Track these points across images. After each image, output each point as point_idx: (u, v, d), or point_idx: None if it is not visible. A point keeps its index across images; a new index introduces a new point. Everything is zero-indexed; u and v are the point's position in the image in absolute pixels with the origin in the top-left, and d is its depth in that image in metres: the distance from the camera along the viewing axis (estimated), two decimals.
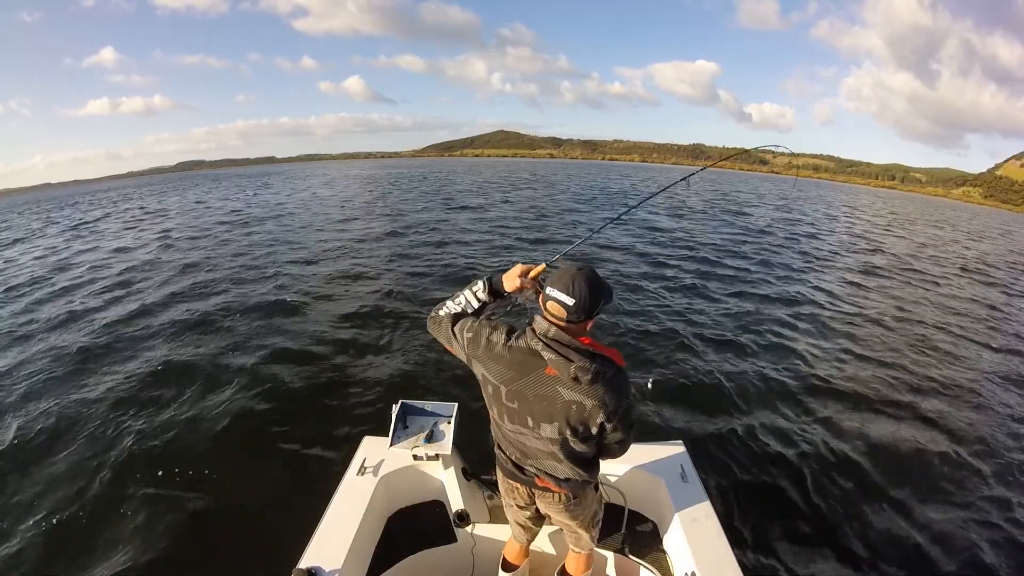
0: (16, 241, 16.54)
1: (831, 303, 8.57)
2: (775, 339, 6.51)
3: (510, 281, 1.52)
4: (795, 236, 16.42)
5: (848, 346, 6.51)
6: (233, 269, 9.86)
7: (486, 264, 9.96)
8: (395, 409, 2.08)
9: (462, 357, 1.52)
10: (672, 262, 10.74)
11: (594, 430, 1.38)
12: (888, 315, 8.18)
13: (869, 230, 21.38)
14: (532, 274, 1.52)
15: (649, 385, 2.29)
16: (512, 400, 1.41)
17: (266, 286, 8.45)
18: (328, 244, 12.26)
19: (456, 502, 2.14)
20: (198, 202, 27.10)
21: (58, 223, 21.51)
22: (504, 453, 1.65)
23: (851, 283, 10.38)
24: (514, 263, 1.56)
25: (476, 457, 2.28)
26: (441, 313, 1.57)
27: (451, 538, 2.19)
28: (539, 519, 1.84)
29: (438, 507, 2.25)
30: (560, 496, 1.63)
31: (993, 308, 9.42)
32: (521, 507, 1.79)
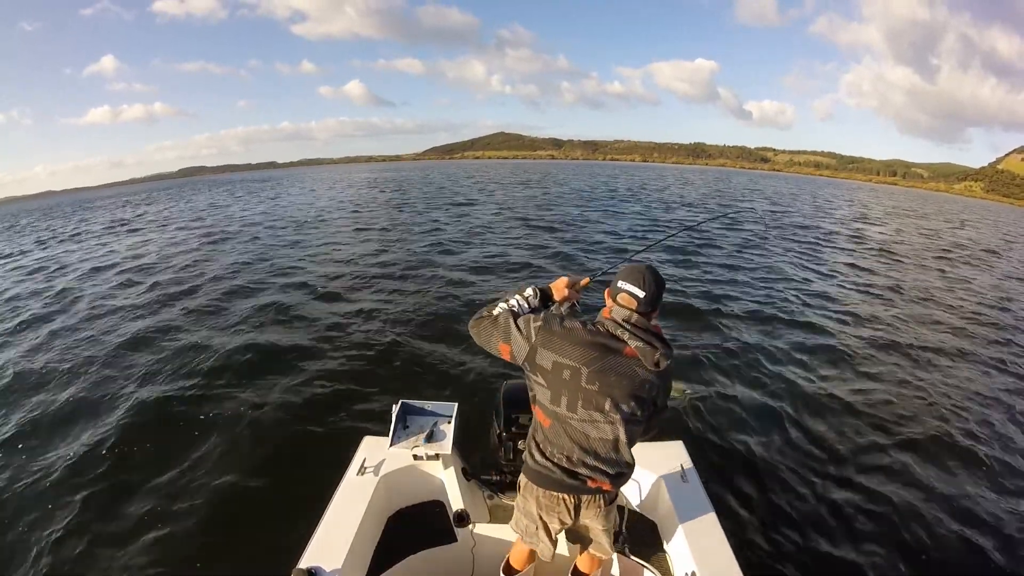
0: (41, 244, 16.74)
1: (832, 300, 8.56)
2: (775, 337, 6.51)
3: (559, 290, 1.69)
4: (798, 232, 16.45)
5: (849, 342, 6.49)
6: (236, 269, 9.92)
7: (493, 270, 9.94)
8: (395, 409, 2.07)
9: (521, 351, 1.50)
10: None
11: (651, 407, 1.54)
12: (893, 315, 8.16)
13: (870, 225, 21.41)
14: (578, 286, 1.71)
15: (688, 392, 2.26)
16: (593, 381, 1.44)
17: (266, 286, 8.48)
18: (329, 245, 12.31)
19: (456, 502, 2.13)
20: (211, 204, 27.25)
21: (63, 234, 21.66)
22: (551, 461, 1.57)
23: (854, 277, 10.39)
24: (557, 275, 1.72)
25: (476, 457, 2.28)
26: (496, 311, 1.59)
27: (451, 538, 2.19)
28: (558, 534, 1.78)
29: (438, 507, 2.24)
30: (607, 496, 1.65)
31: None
32: (559, 526, 1.70)
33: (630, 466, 1.60)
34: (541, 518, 1.69)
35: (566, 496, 1.61)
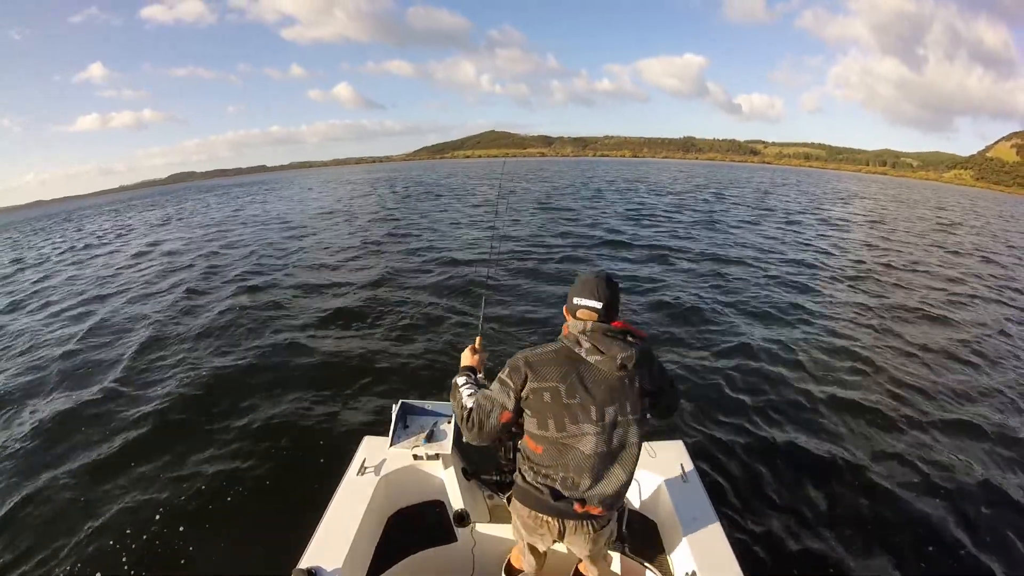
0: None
1: (831, 298, 8.58)
2: (773, 335, 6.50)
3: (472, 361, 1.86)
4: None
5: (850, 340, 6.49)
6: (236, 270, 9.89)
7: (492, 269, 9.93)
8: (395, 409, 2.08)
9: (511, 403, 1.52)
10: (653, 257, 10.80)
11: (646, 400, 1.51)
12: (884, 310, 8.21)
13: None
14: (476, 348, 1.91)
15: None
16: (573, 395, 1.45)
17: (267, 287, 8.43)
18: (326, 247, 12.24)
19: (456, 502, 2.14)
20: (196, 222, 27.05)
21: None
22: (541, 480, 1.56)
23: (847, 272, 10.47)
24: (464, 344, 1.95)
25: (476, 457, 2.28)
26: (468, 406, 1.60)
27: (451, 538, 2.19)
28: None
29: (438, 507, 2.24)
30: (597, 522, 1.61)
31: None
32: (543, 548, 1.76)
33: (625, 484, 1.55)
34: (525, 539, 1.74)
35: (550, 519, 1.60)
